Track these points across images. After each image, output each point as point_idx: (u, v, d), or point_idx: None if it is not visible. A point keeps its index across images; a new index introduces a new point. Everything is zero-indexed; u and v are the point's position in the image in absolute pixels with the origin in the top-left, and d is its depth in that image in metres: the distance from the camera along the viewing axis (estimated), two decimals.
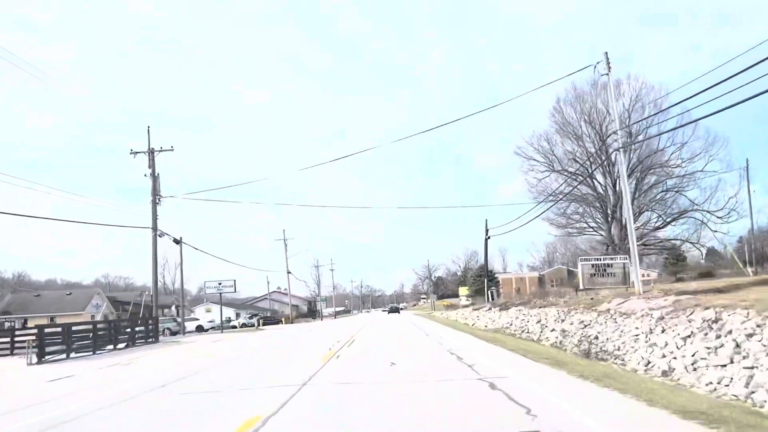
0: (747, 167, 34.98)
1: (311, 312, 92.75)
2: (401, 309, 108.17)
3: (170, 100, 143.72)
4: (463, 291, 65.33)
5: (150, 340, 31.05)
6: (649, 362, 10.43)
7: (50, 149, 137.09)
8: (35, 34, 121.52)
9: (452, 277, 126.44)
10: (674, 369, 9.49)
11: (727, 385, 7.82)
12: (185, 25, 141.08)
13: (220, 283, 47.76)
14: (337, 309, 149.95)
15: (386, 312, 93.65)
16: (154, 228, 34.24)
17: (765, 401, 6.79)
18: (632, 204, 25.90)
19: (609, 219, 35.05)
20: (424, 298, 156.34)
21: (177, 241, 39.76)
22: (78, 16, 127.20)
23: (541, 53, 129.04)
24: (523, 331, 21.02)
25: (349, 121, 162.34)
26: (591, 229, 36.86)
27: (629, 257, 21.54)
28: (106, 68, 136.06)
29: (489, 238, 47.07)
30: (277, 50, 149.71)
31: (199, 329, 48.13)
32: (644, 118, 31.26)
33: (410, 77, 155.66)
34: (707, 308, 11.19)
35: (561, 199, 34.25)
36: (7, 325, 48.36)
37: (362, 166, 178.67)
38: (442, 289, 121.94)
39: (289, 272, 65.91)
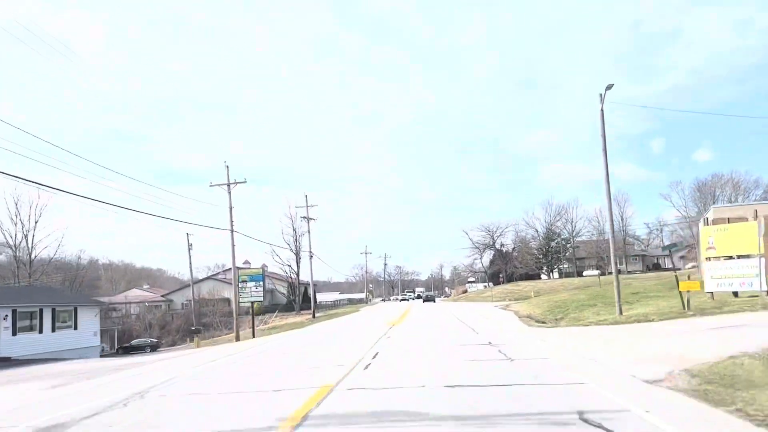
0: None
1: (289, 304, 52.21)
2: (436, 299, 74.09)
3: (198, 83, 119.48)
4: None
5: None
6: None
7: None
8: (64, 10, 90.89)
9: (524, 246, 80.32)
10: None
11: None
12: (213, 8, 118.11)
13: None
14: (356, 296, 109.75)
15: (421, 299, 73.16)
16: None
17: None
18: None
19: None
20: (472, 281, 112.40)
21: None
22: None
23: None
24: None
25: (384, 103, 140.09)
26: None
27: None
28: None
29: None
30: (312, 32, 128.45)
31: None
32: None
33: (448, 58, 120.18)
34: None
35: None
36: None
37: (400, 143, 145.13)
38: (511, 267, 78.11)
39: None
